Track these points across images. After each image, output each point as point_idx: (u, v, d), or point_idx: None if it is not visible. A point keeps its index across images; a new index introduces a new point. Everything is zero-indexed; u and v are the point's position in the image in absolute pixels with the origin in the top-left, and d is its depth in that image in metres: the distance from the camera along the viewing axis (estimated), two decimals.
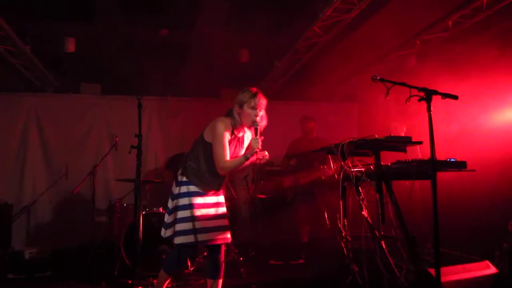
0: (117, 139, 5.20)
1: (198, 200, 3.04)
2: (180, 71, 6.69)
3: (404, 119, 5.35)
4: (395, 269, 3.32)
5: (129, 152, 3.27)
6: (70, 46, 5.54)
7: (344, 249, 3.39)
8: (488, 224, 4.78)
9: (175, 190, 3.11)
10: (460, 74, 4.98)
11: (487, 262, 3.39)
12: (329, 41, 5.26)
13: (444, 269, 2.75)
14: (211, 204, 3.11)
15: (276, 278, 4.43)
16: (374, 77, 2.91)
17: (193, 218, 2.98)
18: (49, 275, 4.60)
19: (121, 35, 5.71)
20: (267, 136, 8.69)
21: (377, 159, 3.15)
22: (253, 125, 3.01)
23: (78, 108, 6.75)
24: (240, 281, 4.31)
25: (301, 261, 5.25)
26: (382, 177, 3.11)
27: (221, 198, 3.23)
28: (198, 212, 3.02)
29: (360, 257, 3.35)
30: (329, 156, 3.77)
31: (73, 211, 6.17)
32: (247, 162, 3.00)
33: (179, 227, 3.01)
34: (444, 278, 2.74)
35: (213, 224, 3.07)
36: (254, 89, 3.08)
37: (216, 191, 3.16)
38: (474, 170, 2.95)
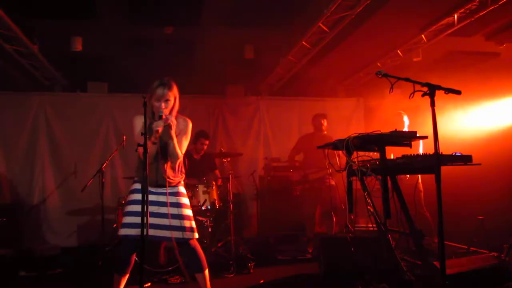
0: (124, 137, 5.24)
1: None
2: (185, 68, 6.71)
3: (408, 114, 5.33)
4: (401, 263, 3.34)
5: (136, 150, 3.28)
6: (77, 45, 5.59)
7: (351, 243, 3.41)
8: (495, 217, 4.77)
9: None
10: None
11: (494, 254, 3.39)
12: (334, 37, 5.24)
13: (449, 262, 2.76)
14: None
15: (284, 274, 4.46)
16: (379, 73, 2.93)
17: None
18: (60, 272, 4.66)
19: (127, 33, 5.75)
20: (273, 132, 8.60)
21: (382, 153, 3.15)
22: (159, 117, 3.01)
23: (86, 106, 6.81)
24: (248, 276, 4.34)
25: (308, 255, 5.28)
26: (388, 171, 3.12)
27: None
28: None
29: (366, 251, 3.37)
30: (336, 153, 3.77)
31: (82, 209, 6.25)
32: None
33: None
34: (450, 271, 2.75)
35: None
36: (157, 81, 3.08)
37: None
38: (479, 164, 2.94)
